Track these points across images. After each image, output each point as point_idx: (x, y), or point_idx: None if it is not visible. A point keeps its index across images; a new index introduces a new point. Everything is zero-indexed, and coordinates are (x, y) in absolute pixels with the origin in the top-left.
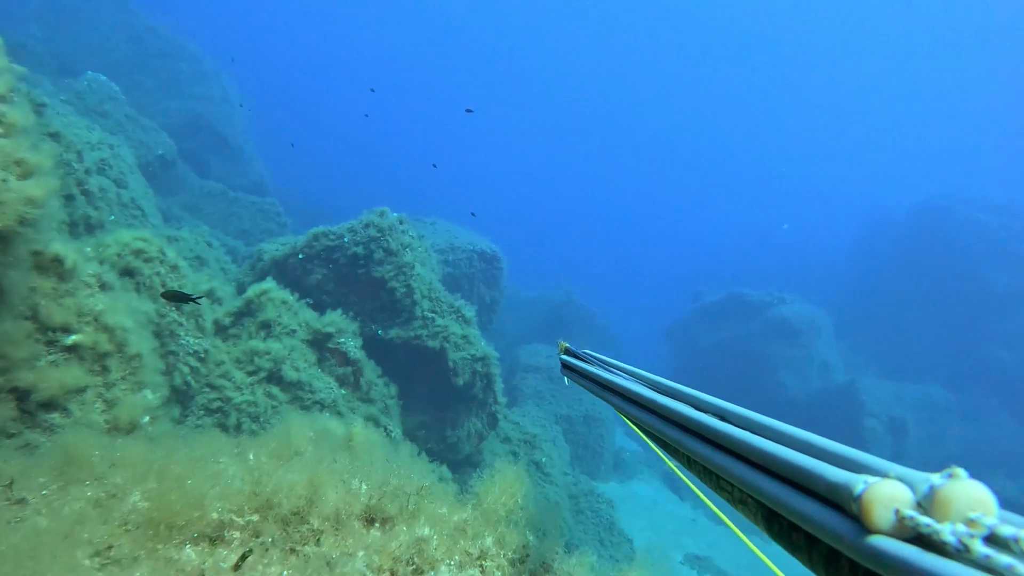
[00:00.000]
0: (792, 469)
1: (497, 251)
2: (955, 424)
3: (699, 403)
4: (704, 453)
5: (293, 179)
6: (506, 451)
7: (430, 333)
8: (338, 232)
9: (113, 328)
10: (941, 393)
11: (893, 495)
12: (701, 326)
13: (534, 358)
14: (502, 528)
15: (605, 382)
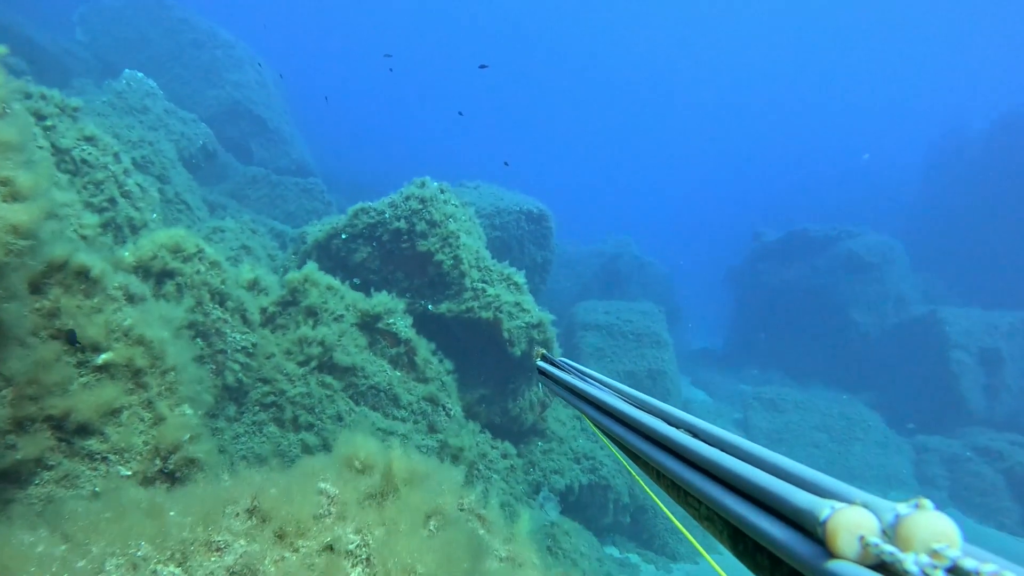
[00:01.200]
0: (760, 491)
1: (544, 210)
2: None
3: (671, 418)
4: (673, 468)
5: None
6: (571, 416)
7: (482, 304)
8: (379, 208)
9: (146, 341)
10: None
11: (859, 522)
12: (763, 267)
13: (592, 315)
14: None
15: (579, 391)
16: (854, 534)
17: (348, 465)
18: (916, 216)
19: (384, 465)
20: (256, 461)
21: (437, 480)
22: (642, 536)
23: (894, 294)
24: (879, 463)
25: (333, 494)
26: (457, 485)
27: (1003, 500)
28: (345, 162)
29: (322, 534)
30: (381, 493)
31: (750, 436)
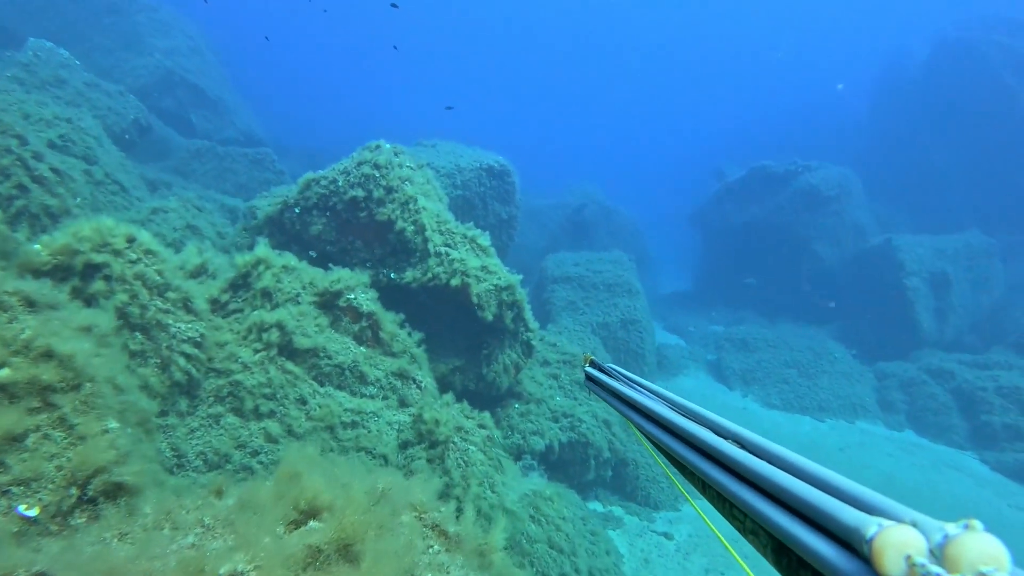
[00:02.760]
0: (807, 506)
1: (506, 164)
2: (998, 268)
3: (719, 429)
4: (720, 480)
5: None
6: (546, 375)
7: (447, 270)
8: (331, 176)
9: (56, 353)
10: (980, 238)
11: (906, 541)
12: (727, 206)
13: (561, 268)
14: None
15: (627, 399)
16: (901, 553)
17: (286, 509)
18: (867, 145)
19: (337, 509)
20: (215, 457)
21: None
22: (625, 488)
23: (851, 225)
24: (844, 393)
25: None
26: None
27: (952, 418)
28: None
29: None
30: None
31: (723, 377)
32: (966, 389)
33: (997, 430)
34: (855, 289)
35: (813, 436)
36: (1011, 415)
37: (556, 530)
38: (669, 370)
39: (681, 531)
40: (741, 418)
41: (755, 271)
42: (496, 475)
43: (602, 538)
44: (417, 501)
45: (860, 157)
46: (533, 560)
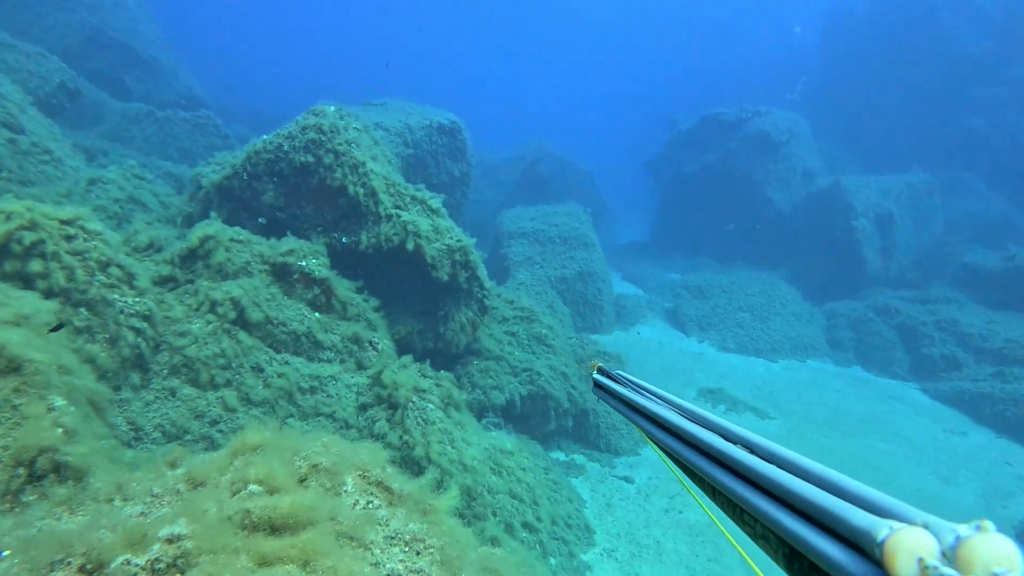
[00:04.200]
0: (817, 509)
1: (457, 121)
2: (938, 205)
3: (728, 434)
4: (730, 485)
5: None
6: (504, 332)
7: (399, 232)
8: (276, 142)
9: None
10: (921, 177)
11: (917, 543)
12: (682, 154)
13: (517, 223)
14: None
15: (636, 405)
16: (912, 556)
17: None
18: (816, 89)
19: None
20: (174, 428)
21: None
22: (587, 437)
23: (801, 169)
24: (796, 334)
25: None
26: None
27: (896, 352)
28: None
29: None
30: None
31: (680, 324)
32: (908, 324)
33: (936, 361)
34: (806, 231)
35: (766, 377)
36: (948, 346)
37: (517, 481)
38: (627, 320)
39: (641, 474)
40: (697, 363)
41: (709, 218)
42: (456, 431)
43: (564, 486)
44: (362, 462)
45: (810, 100)
46: (496, 511)
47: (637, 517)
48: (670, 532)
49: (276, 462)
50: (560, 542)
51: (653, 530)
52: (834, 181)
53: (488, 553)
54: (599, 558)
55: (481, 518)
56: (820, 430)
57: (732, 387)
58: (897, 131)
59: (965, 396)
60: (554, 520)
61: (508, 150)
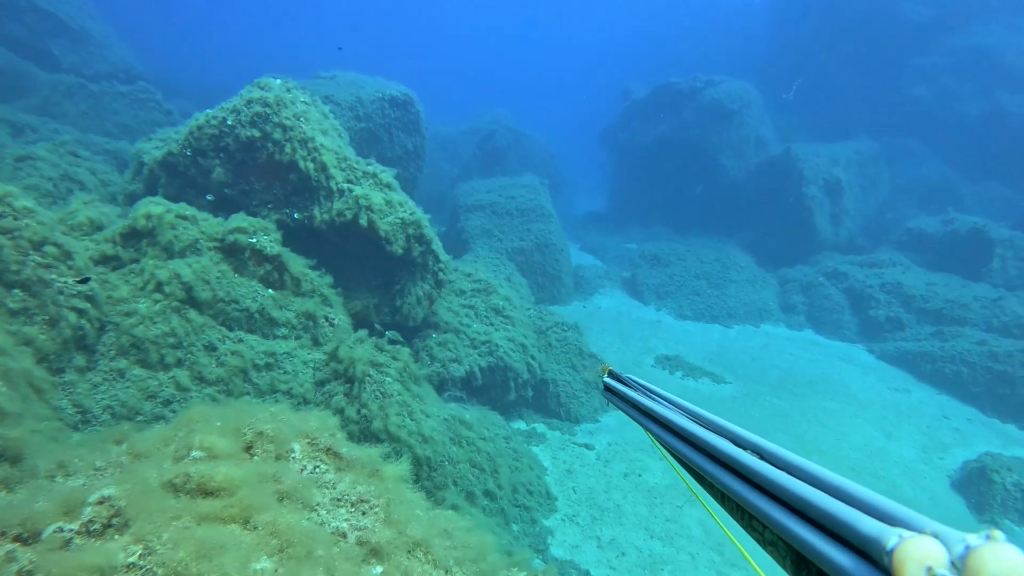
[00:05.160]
0: (826, 516)
1: (409, 94)
2: (884, 172)
3: (738, 439)
4: (739, 491)
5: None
6: (462, 305)
7: (352, 207)
8: (219, 116)
9: None
10: (868, 144)
11: (927, 552)
12: (636, 124)
13: (474, 195)
14: None
15: (646, 410)
16: (921, 565)
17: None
18: (767, 57)
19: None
20: (123, 410)
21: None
22: (548, 406)
23: (754, 137)
24: (750, 300)
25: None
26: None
27: (845, 315)
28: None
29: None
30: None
31: (638, 293)
32: (856, 288)
33: (882, 323)
34: (759, 199)
35: (722, 342)
36: (893, 308)
37: (477, 451)
38: (586, 290)
39: (601, 441)
40: (655, 330)
41: (666, 187)
42: (415, 404)
43: (525, 454)
44: (310, 429)
45: (762, 69)
46: (457, 480)
47: (597, 482)
48: (629, 496)
49: (220, 430)
50: (522, 509)
51: (613, 494)
52: (785, 149)
53: (438, 514)
54: (561, 523)
55: (442, 488)
56: (774, 392)
57: (689, 353)
58: (845, 99)
59: (908, 355)
60: (515, 488)
61: (464, 121)
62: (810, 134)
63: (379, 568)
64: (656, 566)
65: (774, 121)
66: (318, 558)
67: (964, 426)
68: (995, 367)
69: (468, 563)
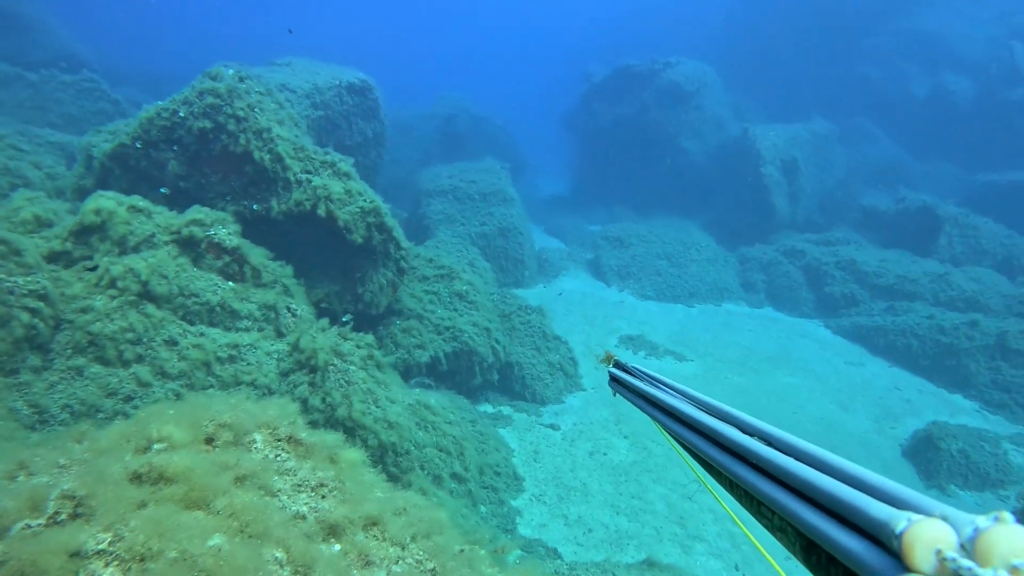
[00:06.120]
0: (835, 501)
1: (367, 80)
2: (838, 151)
3: (745, 426)
4: (747, 478)
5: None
6: (425, 291)
7: (310, 197)
8: (170, 108)
9: None
10: (823, 124)
11: (936, 535)
12: (596, 106)
13: (435, 181)
14: None
15: (653, 399)
16: (931, 548)
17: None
18: (725, 39)
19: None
20: (83, 407)
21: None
22: (513, 388)
23: (712, 118)
24: (711, 279)
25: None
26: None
27: (802, 291)
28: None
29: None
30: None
31: (601, 274)
32: (813, 265)
33: (837, 299)
34: (719, 179)
35: (684, 321)
36: (848, 285)
37: (443, 435)
38: (550, 272)
39: (566, 421)
40: (618, 311)
41: (627, 169)
42: (380, 390)
43: (492, 436)
44: (271, 418)
45: (719, 50)
46: (423, 464)
47: (564, 462)
48: (595, 474)
49: (179, 422)
50: (489, 490)
51: (579, 473)
52: (743, 130)
53: (397, 495)
54: (528, 503)
55: (408, 472)
56: (735, 369)
57: (652, 333)
58: (799, 80)
59: (863, 330)
60: (482, 470)
61: (423, 105)
62: (767, 115)
63: (337, 546)
64: (622, 541)
65: (731, 102)
66: (276, 537)
67: (914, 397)
68: (942, 340)
69: (422, 538)
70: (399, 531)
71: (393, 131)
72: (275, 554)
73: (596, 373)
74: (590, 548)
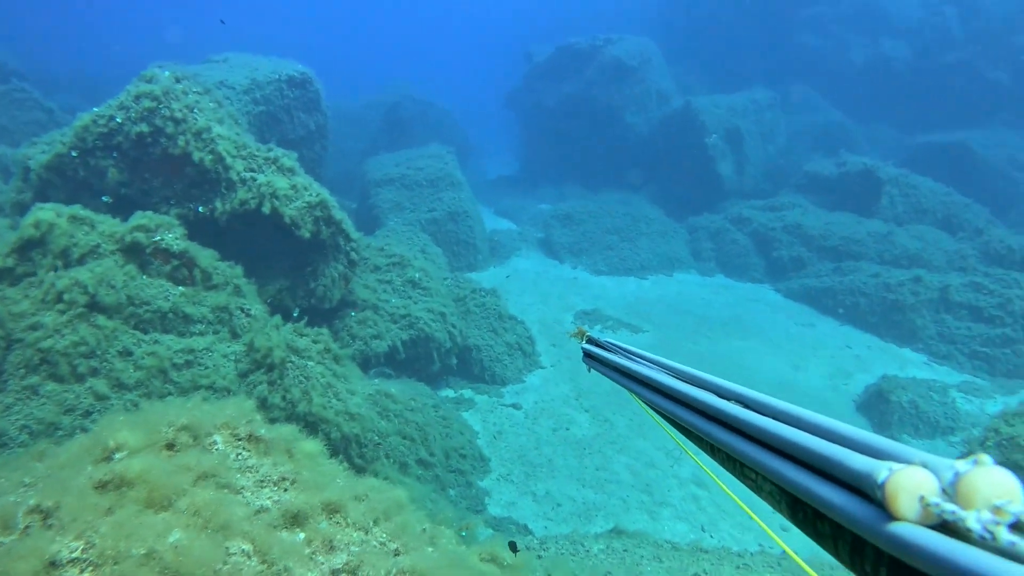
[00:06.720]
0: (816, 457)
1: (307, 72)
2: (780, 119)
3: (721, 391)
4: (728, 441)
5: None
6: (378, 280)
7: (255, 195)
8: (106, 114)
9: None
10: (764, 93)
11: (918, 482)
12: (540, 86)
13: (382, 170)
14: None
15: (627, 371)
16: (914, 495)
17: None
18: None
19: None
20: (41, 427)
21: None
22: (473, 371)
23: (656, 91)
24: (662, 251)
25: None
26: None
27: (752, 257)
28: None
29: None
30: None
31: (553, 252)
32: (761, 231)
33: (786, 263)
34: (665, 151)
35: (638, 293)
36: (795, 248)
37: (405, 422)
38: (502, 254)
39: (527, 400)
40: (573, 287)
41: (573, 146)
42: (339, 383)
43: (455, 420)
44: (229, 418)
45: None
46: (388, 453)
47: (528, 440)
48: (559, 449)
49: (135, 428)
50: (457, 473)
51: (544, 449)
52: (686, 102)
53: (357, 481)
54: (496, 483)
55: (373, 461)
56: (690, 337)
57: (607, 307)
58: (741, 50)
59: (811, 292)
60: (448, 454)
61: (368, 94)
62: (710, 86)
63: (301, 534)
64: (590, 512)
65: (675, 75)
66: (240, 531)
67: (864, 353)
68: (888, 296)
69: (384, 521)
70: (361, 516)
71: (338, 122)
72: (241, 546)
73: (554, 351)
74: (560, 522)
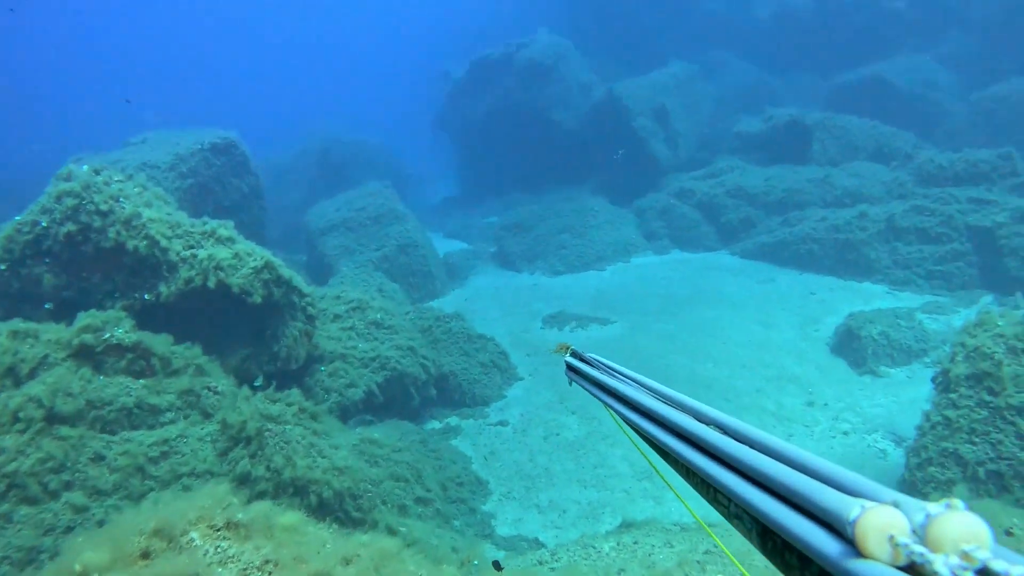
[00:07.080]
0: (789, 490)
1: (229, 136)
2: (704, 88)
3: (701, 415)
4: (702, 465)
5: None
6: (341, 329)
7: (199, 271)
8: (30, 220)
9: None
10: (683, 66)
11: (889, 522)
12: (463, 103)
13: (323, 217)
14: None
15: (610, 388)
16: (884, 534)
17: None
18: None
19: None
20: (22, 554)
21: None
22: (453, 398)
23: (576, 85)
24: (614, 239)
25: None
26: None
27: (702, 227)
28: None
29: None
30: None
31: (508, 262)
32: (706, 200)
33: (735, 225)
34: (597, 142)
35: (600, 286)
36: (742, 210)
37: (395, 464)
38: (460, 276)
39: (513, 414)
40: (535, 294)
41: (509, 154)
42: (321, 441)
43: (445, 451)
44: (203, 510)
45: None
46: (384, 499)
47: (521, 454)
48: (554, 456)
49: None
50: (457, 503)
51: (539, 459)
52: (607, 90)
53: (345, 541)
54: (498, 503)
55: (370, 511)
56: (658, 318)
57: (572, 305)
58: (651, 30)
59: (766, 248)
60: (444, 486)
61: (297, 142)
62: (630, 71)
63: None
64: (597, 511)
65: (593, 67)
66: None
67: (827, 296)
68: (839, 237)
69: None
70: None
71: (272, 178)
72: None
73: (529, 360)
74: (568, 527)
